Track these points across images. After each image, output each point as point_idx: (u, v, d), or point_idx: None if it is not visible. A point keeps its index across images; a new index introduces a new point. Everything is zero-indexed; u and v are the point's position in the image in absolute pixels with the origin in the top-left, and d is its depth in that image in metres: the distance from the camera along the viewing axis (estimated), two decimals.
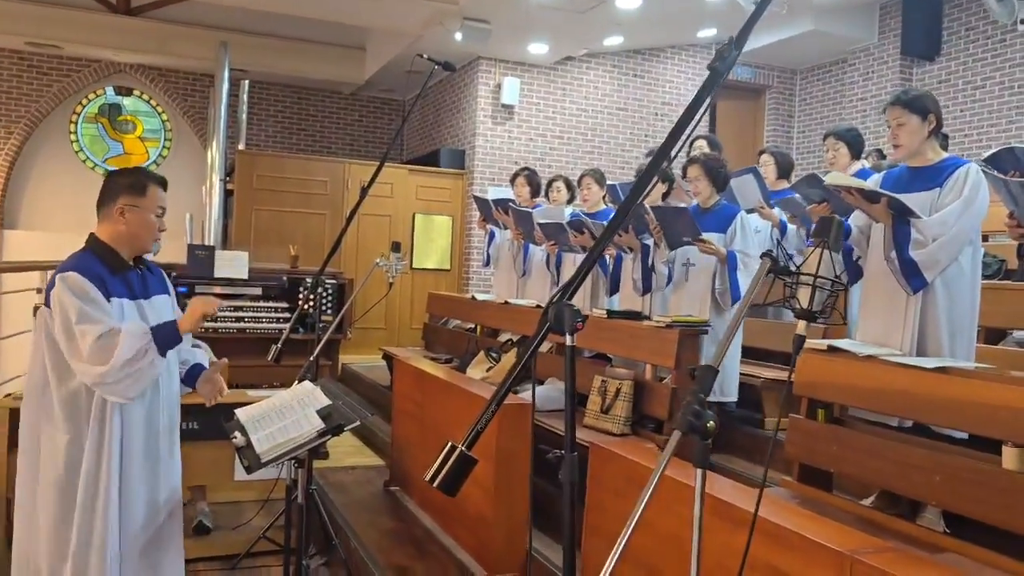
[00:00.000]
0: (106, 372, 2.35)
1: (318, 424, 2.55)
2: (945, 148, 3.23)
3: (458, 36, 8.18)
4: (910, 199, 2.97)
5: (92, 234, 2.66)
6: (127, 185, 2.61)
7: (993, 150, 3.54)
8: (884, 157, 6.22)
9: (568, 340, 1.42)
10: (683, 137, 1.51)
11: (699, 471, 1.23)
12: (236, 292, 6.01)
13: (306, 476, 2.97)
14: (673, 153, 1.48)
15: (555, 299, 1.44)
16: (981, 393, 2.52)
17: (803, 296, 1.33)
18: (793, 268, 1.33)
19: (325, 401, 2.74)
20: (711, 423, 1.19)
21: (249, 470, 2.46)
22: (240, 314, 5.87)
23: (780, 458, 4.13)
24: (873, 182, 3.21)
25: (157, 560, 2.55)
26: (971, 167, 3.03)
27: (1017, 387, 2.46)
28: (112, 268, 2.57)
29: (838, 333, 4.35)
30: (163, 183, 2.71)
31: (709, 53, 10.27)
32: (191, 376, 2.92)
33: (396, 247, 3.99)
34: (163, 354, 2.48)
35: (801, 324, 1.36)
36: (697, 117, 1.51)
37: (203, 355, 3.00)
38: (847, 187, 2.99)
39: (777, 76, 10.64)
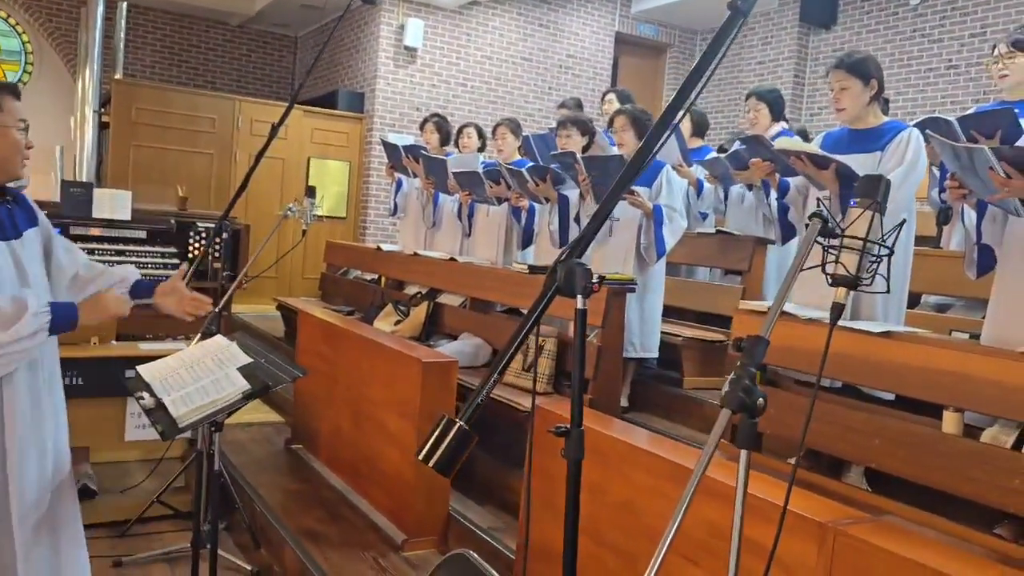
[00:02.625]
0: None
1: (242, 384, 2.29)
2: (886, 112, 3.24)
3: None
4: (851, 160, 2.96)
5: None
6: None
7: (919, 119, 3.60)
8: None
9: (579, 303, 1.26)
10: (702, 81, 1.36)
11: (744, 453, 1.10)
12: (118, 235, 5.51)
13: (218, 439, 2.71)
14: (693, 95, 1.33)
15: (563, 257, 1.27)
16: (923, 358, 2.54)
17: (848, 261, 1.22)
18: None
19: (245, 359, 2.48)
20: (761, 400, 1.07)
21: (164, 436, 2.19)
22: (124, 259, 5.38)
23: (700, 416, 4.16)
24: (814, 142, 3.19)
25: (55, 540, 2.25)
26: (913, 131, 3.05)
27: (958, 352, 2.49)
28: None
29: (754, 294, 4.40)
30: (16, 92, 2.30)
31: (614, 7, 10.18)
32: (139, 291, 2.53)
33: (311, 192, 3.71)
34: (51, 335, 2.15)
35: (841, 291, 1.25)
36: (717, 58, 1.36)
37: (132, 269, 2.62)
38: (796, 152, 2.94)
39: (679, 36, 10.68)
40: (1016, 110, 3.38)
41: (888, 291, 1.22)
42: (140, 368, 2.62)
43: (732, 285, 4.67)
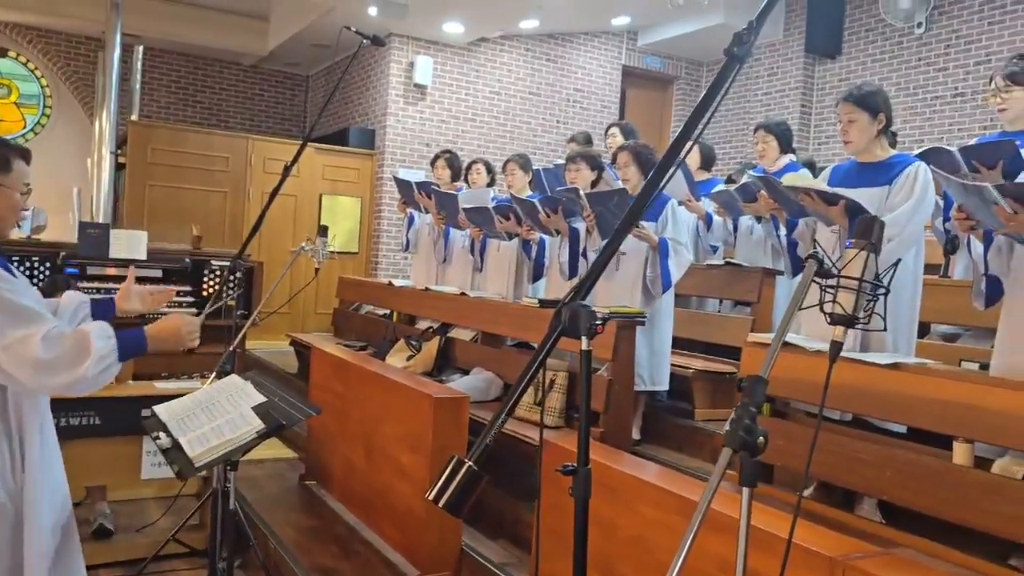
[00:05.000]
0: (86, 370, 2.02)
1: (256, 424, 2.33)
2: (894, 146, 3.28)
3: (372, 11, 7.88)
4: (859, 195, 2.99)
5: None
6: None
7: (923, 148, 3.64)
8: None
9: (584, 344, 1.30)
10: (701, 123, 1.40)
11: (746, 490, 1.13)
12: (135, 275, 5.58)
13: (233, 478, 2.74)
14: (695, 135, 1.37)
15: (568, 299, 1.30)
16: (932, 389, 2.55)
17: (844, 300, 1.25)
18: (830, 269, 1.26)
19: (259, 397, 2.51)
20: (762, 439, 1.09)
21: (181, 475, 2.22)
22: None
23: (711, 448, 4.16)
24: (822, 177, 3.22)
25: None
26: (920, 166, 3.07)
27: (967, 383, 2.50)
28: None
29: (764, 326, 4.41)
30: (27, 156, 2.33)
31: (620, 41, 10.31)
32: (103, 310, 2.52)
33: (323, 231, 3.75)
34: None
35: (839, 330, 1.28)
36: (716, 102, 1.41)
37: (77, 294, 2.58)
38: (805, 189, 2.97)
39: (685, 67, 10.79)
40: (1017, 142, 3.41)
41: (885, 329, 1.24)
42: (156, 408, 2.66)
43: (741, 316, 4.69)
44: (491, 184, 6.10)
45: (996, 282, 2.71)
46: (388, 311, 6.36)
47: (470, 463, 1.23)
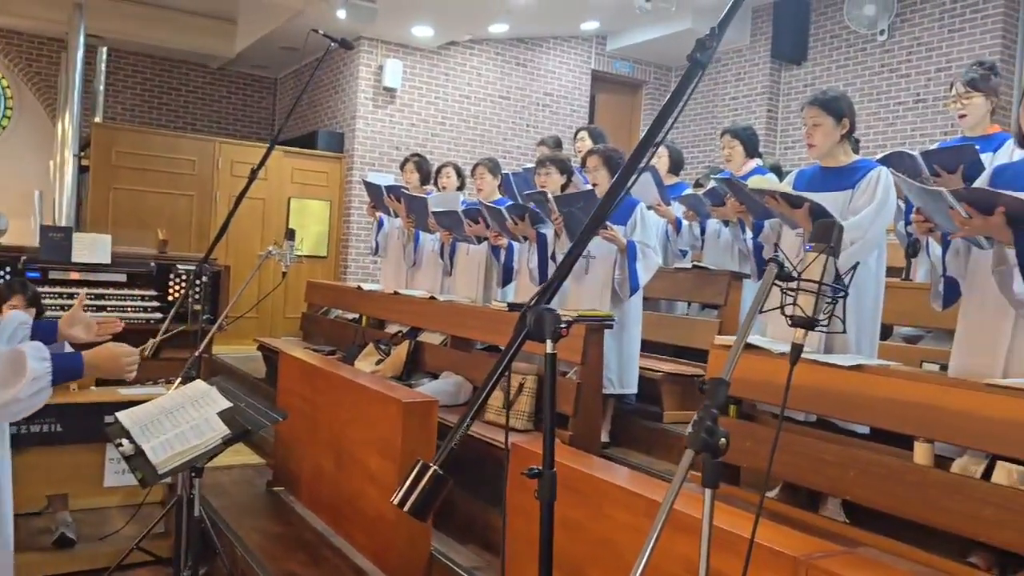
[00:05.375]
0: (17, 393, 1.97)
1: (222, 430, 2.30)
2: (856, 151, 3.33)
3: (341, 14, 7.84)
4: (824, 199, 3.03)
5: None
6: None
7: (886, 153, 3.70)
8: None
9: (549, 347, 1.30)
10: (666, 126, 1.42)
11: (708, 491, 1.14)
12: (97, 279, 5.50)
13: (198, 485, 2.71)
14: (659, 139, 1.39)
15: (533, 302, 1.31)
16: (893, 390, 2.59)
17: (804, 303, 1.27)
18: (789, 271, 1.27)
19: (225, 403, 2.49)
20: (723, 440, 1.11)
21: (144, 483, 2.20)
22: (104, 303, 5.37)
23: (678, 450, 4.19)
24: (787, 180, 3.26)
25: None
26: (882, 170, 3.13)
27: (927, 384, 2.55)
28: None
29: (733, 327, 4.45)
30: None
31: (589, 46, 10.37)
32: (45, 332, 2.44)
33: (291, 235, 3.74)
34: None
35: (800, 332, 1.30)
36: (679, 108, 1.42)
37: (19, 314, 2.50)
38: (770, 191, 3.01)
39: (654, 72, 10.88)
40: (977, 146, 3.49)
41: (844, 331, 1.26)
42: (119, 414, 2.62)
43: (709, 319, 4.73)
44: (461, 188, 6.10)
45: (954, 284, 2.77)
46: (357, 315, 6.32)
47: (435, 467, 1.23)
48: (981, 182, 2.82)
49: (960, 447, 2.55)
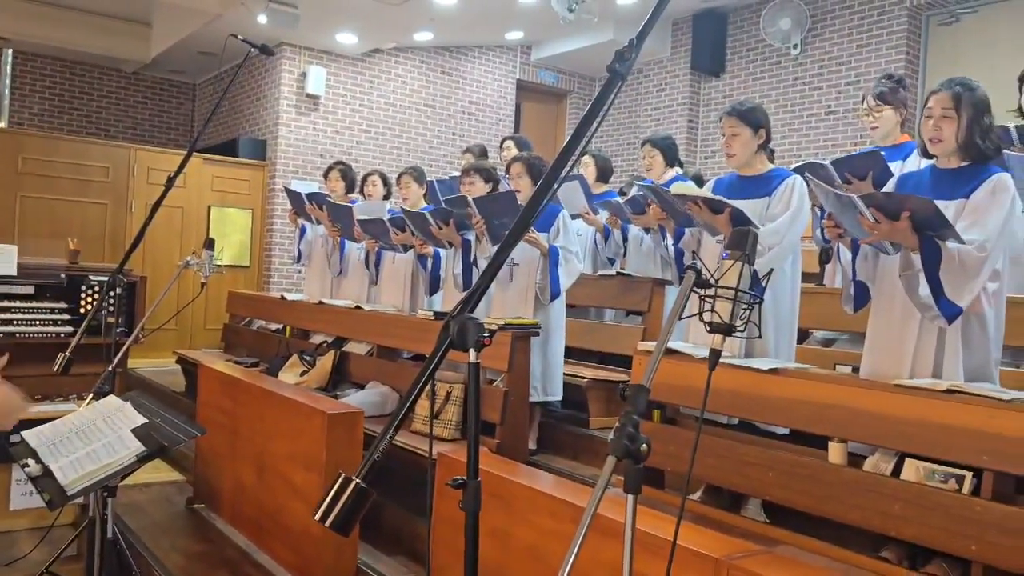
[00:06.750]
0: None
1: (136, 447, 2.22)
2: (772, 161, 3.44)
3: (262, 19, 7.69)
4: (742, 206, 3.12)
5: None
6: None
7: (800, 163, 3.83)
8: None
9: (472, 356, 1.30)
10: (586, 136, 1.43)
11: (630, 497, 1.15)
12: (3, 291, 5.25)
13: (111, 504, 2.61)
14: (577, 152, 1.40)
15: (456, 312, 1.30)
16: (809, 392, 2.67)
17: (722, 309, 1.30)
18: (707, 279, 1.30)
19: (139, 419, 2.40)
20: (645, 446, 1.12)
21: (52, 505, 2.10)
22: (9, 316, 5.12)
23: (604, 456, 4.23)
24: (706, 188, 3.34)
25: None
26: (797, 179, 3.24)
27: (840, 386, 2.64)
28: None
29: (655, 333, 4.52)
30: None
31: (515, 55, 10.43)
32: None
33: (210, 244, 3.63)
34: None
35: (717, 338, 1.33)
36: (599, 117, 1.44)
37: None
38: (692, 197, 3.08)
39: (578, 82, 11.01)
40: (883, 153, 3.65)
41: (760, 336, 1.30)
42: (26, 433, 2.51)
43: (634, 325, 4.80)
44: (387, 197, 6.04)
45: (863, 288, 2.88)
46: (281, 326, 6.20)
47: (357, 480, 1.21)
48: (887, 190, 2.94)
49: (871, 446, 2.65)
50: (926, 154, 2.82)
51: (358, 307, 5.21)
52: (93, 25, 9.18)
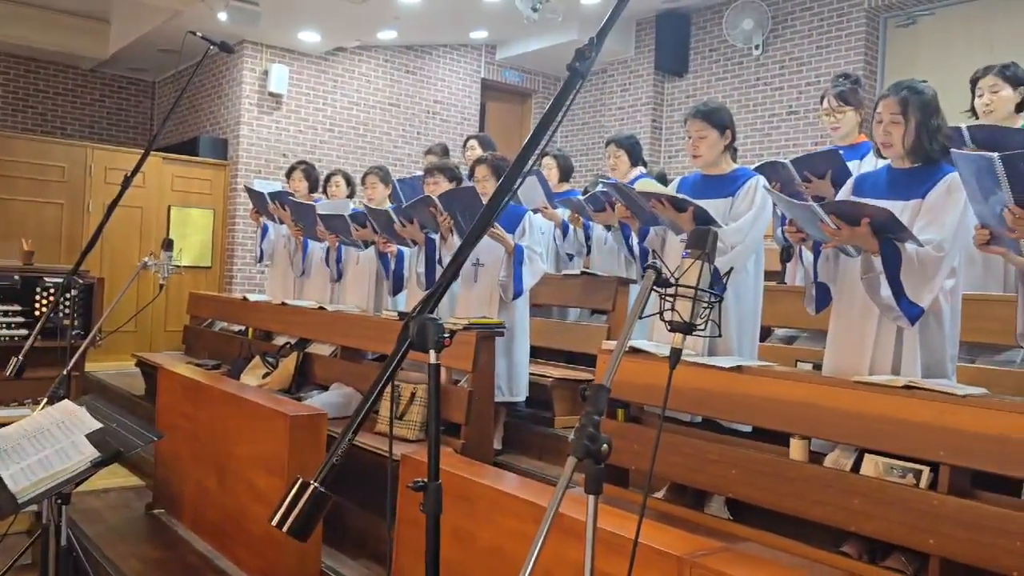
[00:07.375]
0: None
1: (90, 452, 2.17)
2: (735, 160, 3.46)
3: (222, 16, 7.59)
4: (705, 205, 3.14)
5: None
6: None
7: (761, 162, 3.86)
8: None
9: (432, 357, 1.28)
10: (547, 134, 1.43)
11: (591, 498, 1.15)
12: None
13: (65, 512, 2.54)
14: (537, 152, 1.39)
15: (416, 312, 1.29)
16: (771, 389, 2.70)
17: (682, 308, 1.30)
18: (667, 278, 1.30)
19: (95, 424, 2.35)
20: (605, 446, 1.12)
21: (2, 514, 2.04)
22: None
23: (565, 453, 4.23)
24: (670, 187, 3.36)
25: None
26: (759, 179, 3.26)
27: (801, 383, 2.66)
28: None
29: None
30: None
31: (479, 54, 10.41)
32: None
33: (168, 245, 3.57)
34: None
35: (678, 337, 1.33)
36: (560, 116, 1.43)
37: None
38: (657, 195, 3.09)
39: (543, 81, 11.03)
40: (841, 151, 3.70)
41: (720, 335, 1.30)
42: None
43: (598, 324, 4.81)
44: (351, 196, 5.99)
45: (825, 289, 2.91)
46: (243, 327, 6.12)
47: (315, 484, 1.19)
48: (845, 190, 2.98)
49: (832, 442, 2.68)
50: (881, 155, 2.86)
51: (321, 308, 5.16)
52: (48, 21, 8.97)
